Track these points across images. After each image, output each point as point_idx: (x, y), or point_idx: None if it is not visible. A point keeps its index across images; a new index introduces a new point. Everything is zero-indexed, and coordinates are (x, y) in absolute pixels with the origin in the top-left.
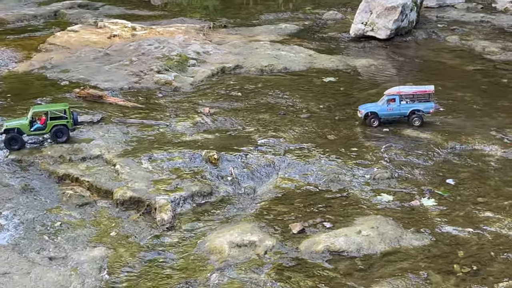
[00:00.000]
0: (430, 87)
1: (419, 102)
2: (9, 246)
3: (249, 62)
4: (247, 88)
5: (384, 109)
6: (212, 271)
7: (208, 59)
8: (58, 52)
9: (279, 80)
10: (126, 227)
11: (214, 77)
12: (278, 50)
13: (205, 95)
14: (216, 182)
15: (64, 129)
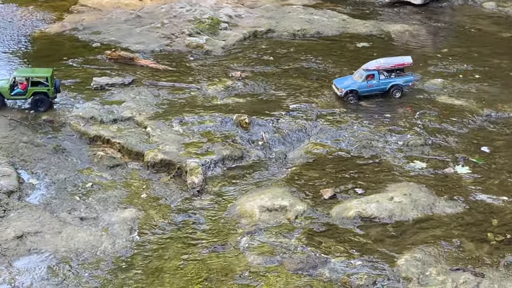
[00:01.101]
0: (408, 59)
1: (398, 76)
2: (41, 206)
3: (281, 26)
4: (279, 52)
5: (363, 86)
6: (242, 234)
7: (240, 22)
8: (89, 13)
9: (311, 45)
10: (156, 190)
11: (246, 41)
12: (311, 14)
13: (237, 59)
14: (247, 146)
15: (44, 98)
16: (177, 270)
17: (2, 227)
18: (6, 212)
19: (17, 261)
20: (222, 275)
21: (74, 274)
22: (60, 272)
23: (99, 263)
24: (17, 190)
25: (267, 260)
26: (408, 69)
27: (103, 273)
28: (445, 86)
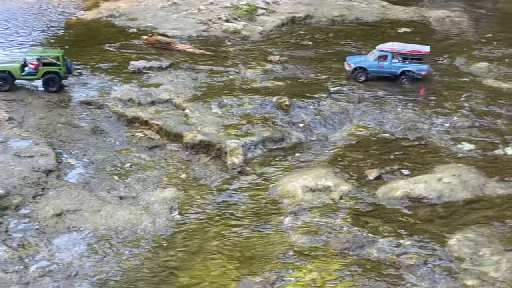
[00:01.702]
0: (426, 48)
1: (411, 63)
2: (79, 185)
3: (319, 12)
4: (318, 37)
5: (373, 65)
6: (285, 214)
7: (277, 9)
8: (125, 1)
9: (351, 31)
10: (196, 170)
11: (284, 27)
12: (349, 1)
13: (275, 44)
14: (288, 128)
15: (55, 77)
16: (218, 249)
17: (41, 205)
18: (45, 190)
19: (56, 239)
20: (266, 254)
21: (114, 251)
22: (100, 249)
23: (139, 241)
24: (55, 169)
25: (312, 239)
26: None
27: (144, 251)
28: (490, 70)
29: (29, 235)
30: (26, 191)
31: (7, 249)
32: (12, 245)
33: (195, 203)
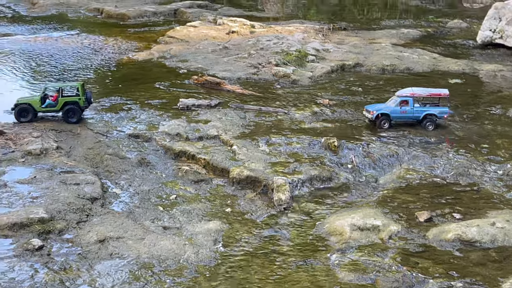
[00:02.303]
0: (445, 91)
1: (432, 106)
2: (124, 213)
3: (369, 61)
4: (368, 84)
5: (396, 111)
6: (332, 251)
7: (327, 56)
8: (177, 44)
9: (401, 79)
10: (242, 205)
11: (334, 74)
12: (400, 52)
13: (324, 88)
14: (336, 168)
15: (75, 109)
16: (262, 283)
17: (85, 231)
18: (89, 217)
19: (98, 264)
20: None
21: (156, 279)
22: (142, 277)
23: (182, 271)
24: (100, 198)
25: (360, 277)
26: None
27: (186, 280)
28: None
29: (71, 259)
30: (70, 216)
31: (48, 272)
32: (54, 268)
33: (239, 237)
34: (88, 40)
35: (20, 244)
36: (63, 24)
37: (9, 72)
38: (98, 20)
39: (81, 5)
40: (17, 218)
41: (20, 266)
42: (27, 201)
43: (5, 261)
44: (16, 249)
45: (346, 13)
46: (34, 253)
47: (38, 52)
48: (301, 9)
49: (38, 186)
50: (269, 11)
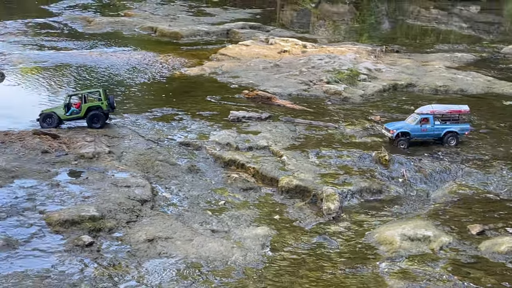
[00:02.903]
0: (465, 107)
1: (453, 123)
2: (173, 216)
3: (422, 82)
4: (420, 104)
5: (417, 129)
6: (382, 259)
7: (379, 76)
8: (228, 61)
9: (454, 100)
10: (290, 213)
11: (385, 93)
12: (453, 74)
13: (376, 106)
14: (386, 182)
15: (99, 114)
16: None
17: (134, 230)
18: (139, 217)
19: (147, 262)
20: None
21: (204, 279)
22: (190, 276)
23: (229, 272)
24: (150, 200)
25: (409, 285)
26: None
27: (233, 281)
28: None
29: (120, 257)
30: (120, 216)
31: (97, 267)
32: (103, 263)
33: (287, 243)
34: (142, 55)
35: (70, 240)
36: (117, 41)
37: (64, 83)
38: (152, 38)
39: (136, 24)
40: (69, 215)
41: (70, 260)
42: (78, 200)
43: (56, 255)
44: (66, 244)
45: (399, 37)
46: (84, 249)
47: (92, 65)
48: (353, 35)
49: (90, 187)
50: (321, 35)
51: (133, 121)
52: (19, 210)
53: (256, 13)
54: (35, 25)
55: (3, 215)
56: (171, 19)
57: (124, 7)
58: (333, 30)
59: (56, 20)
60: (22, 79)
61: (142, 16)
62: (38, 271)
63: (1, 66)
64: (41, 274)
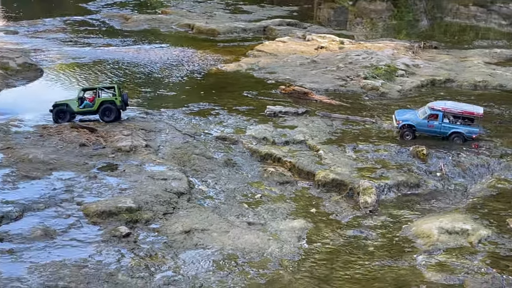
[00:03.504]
0: (479, 110)
1: (463, 124)
2: (209, 208)
3: (461, 77)
4: (459, 99)
5: (423, 124)
6: (419, 252)
7: (417, 71)
8: (265, 57)
9: (493, 95)
10: (327, 206)
11: (423, 88)
12: (492, 69)
13: (413, 101)
14: (424, 176)
15: (112, 107)
16: (347, 279)
17: (171, 222)
18: (175, 209)
19: (183, 253)
20: (397, 287)
21: (240, 270)
22: (226, 267)
23: (265, 263)
24: (187, 193)
25: (447, 278)
26: None
27: (270, 272)
28: None
29: (156, 247)
30: (157, 208)
31: (134, 257)
32: (140, 254)
33: (324, 235)
34: (179, 52)
35: (108, 231)
36: (154, 38)
37: (101, 79)
38: (189, 35)
39: (173, 21)
40: (106, 206)
41: (107, 250)
42: (115, 192)
43: (93, 245)
44: (104, 235)
45: (437, 34)
46: (121, 240)
47: (129, 61)
48: (391, 32)
49: (127, 179)
50: (358, 32)
51: (170, 116)
52: (57, 201)
53: (293, 10)
54: (73, 23)
55: (42, 206)
56: (208, 17)
57: (161, 5)
58: (371, 27)
59: (94, 18)
60: (60, 75)
61: (179, 13)
62: (76, 261)
63: (40, 62)
64: (78, 264)
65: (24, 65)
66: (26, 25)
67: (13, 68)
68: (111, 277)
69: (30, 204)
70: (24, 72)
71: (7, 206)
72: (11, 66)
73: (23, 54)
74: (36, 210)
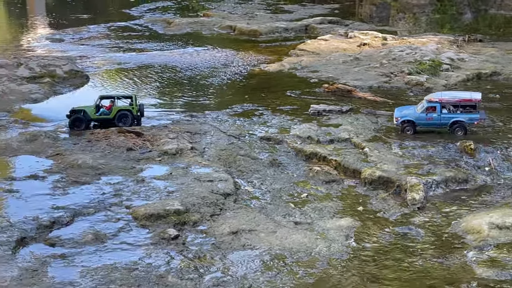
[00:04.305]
0: (477, 95)
1: (463, 112)
2: (256, 209)
3: (507, 70)
4: (505, 92)
5: (422, 118)
6: (469, 248)
7: (462, 65)
8: (308, 56)
9: None
10: (374, 204)
11: (469, 82)
12: None
13: None
14: (472, 171)
15: (128, 114)
16: (397, 277)
17: (218, 223)
18: (222, 211)
19: (231, 254)
20: (447, 284)
21: (288, 270)
22: (274, 267)
23: (314, 262)
24: (233, 194)
25: (499, 273)
26: None
27: (318, 271)
28: None
29: (205, 249)
30: (204, 209)
31: (183, 259)
32: (188, 256)
33: (372, 233)
34: (221, 54)
35: (156, 233)
36: (197, 40)
37: (146, 83)
38: (230, 37)
39: (215, 24)
40: (154, 209)
41: (157, 253)
42: (163, 195)
43: (143, 248)
44: (153, 238)
45: (482, 27)
46: (170, 242)
47: (173, 65)
48: (434, 26)
49: (174, 182)
50: (401, 27)
51: (214, 118)
52: (107, 206)
53: (334, 8)
54: (117, 28)
55: (92, 211)
56: (249, 18)
57: (202, 7)
58: (414, 22)
59: (137, 23)
60: (105, 80)
61: (220, 15)
62: (126, 264)
63: (86, 69)
64: (129, 267)
65: (70, 72)
66: (71, 32)
67: (60, 76)
68: (161, 279)
69: (81, 209)
70: (70, 79)
71: (58, 212)
72: (58, 74)
73: (69, 62)
74: (86, 215)
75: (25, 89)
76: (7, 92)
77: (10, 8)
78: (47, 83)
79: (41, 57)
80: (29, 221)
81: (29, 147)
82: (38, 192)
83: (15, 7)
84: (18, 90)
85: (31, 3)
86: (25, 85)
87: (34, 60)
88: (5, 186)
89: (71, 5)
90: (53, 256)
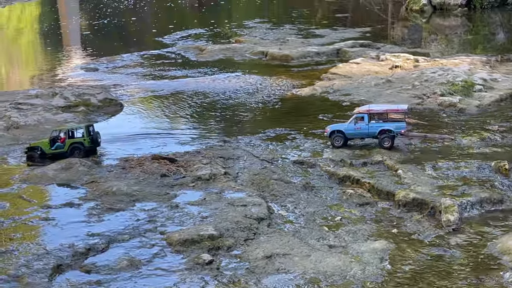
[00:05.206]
0: (403, 106)
1: (391, 122)
2: (290, 233)
3: None
4: None
5: (351, 128)
6: (506, 270)
7: (495, 86)
8: (339, 80)
9: None
10: (408, 226)
11: (503, 102)
12: None
13: (493, 116)
14: (507, 191)
15: (79, 147)
16: None
17: (252, 248)
18: (256, 235)
19: (266, 278)
20: None
21: None
22: None
23: (348, 286)
24: (267, 218)
25: None
26: None
27: None
28: None
29: (239, 274)
30: (238, 234)
31: (218, 284)
32: (223, 280)
33: (407, 256)
34: (253, 79)
35: (191, 259)
36: (229, 66)
37: (179, 110)
38: (262, 62)
39: (247, 50)
40: (188, 235)
41: (191, 278)
42: (197, 220)
43: (177, 273)
44: (187, 263)
45: None
46: (204, 267)
47: (206, 91)
48: (467, 47)
49: (208, 207)
50: (433, 49)
51: (247, 143)
52: (141, 232)
53: (365, 31)
54: (150, 57)
55: (126, 237)
56: (281, 43)
57: (235, 34)
58: (446, 43)
59: (170, 51)
60: (139, 108)
61: (252, 41)
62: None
63: (120, 97)
64: None
65: (104, 100)
66: (105, 61)
67: (95, 104)
68: None
69: (115, 236)
70: (105, 107)
71: (94, 239)
72: (92, 102)
73: (103, 90)
74: (121, 241)
75: (60, 118)
76: (42, 122)
77: (46, 41)
78: (81, 112)
79: (76, 86)
80: (65, 249)
81: (64, 175)
82: (74, 220)
83: (51, 39)
84: (53, 119)
85: (66, 35)
86: (60, 114)
87: (69, 90)
88: (42, 214)
89: (105, 35)
90: (89, 283)
